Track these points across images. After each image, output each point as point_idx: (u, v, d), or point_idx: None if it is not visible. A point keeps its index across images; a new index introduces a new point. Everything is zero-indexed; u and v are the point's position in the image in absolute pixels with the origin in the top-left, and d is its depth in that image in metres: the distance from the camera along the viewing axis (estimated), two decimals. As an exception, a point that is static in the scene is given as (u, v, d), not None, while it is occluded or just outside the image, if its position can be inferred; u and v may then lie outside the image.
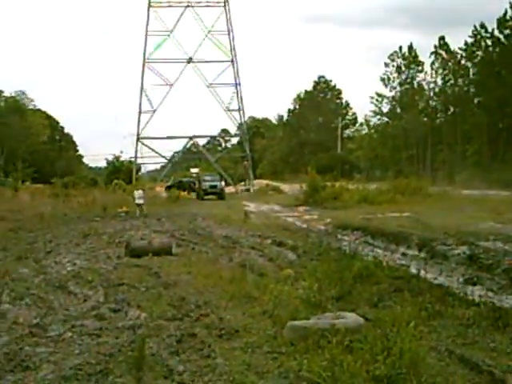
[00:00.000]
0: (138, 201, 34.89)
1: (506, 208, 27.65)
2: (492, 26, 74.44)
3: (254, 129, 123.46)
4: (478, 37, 77.00)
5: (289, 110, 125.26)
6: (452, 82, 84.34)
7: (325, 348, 6.71)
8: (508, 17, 72.30)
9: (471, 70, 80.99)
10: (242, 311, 8.88)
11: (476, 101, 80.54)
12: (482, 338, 7.88)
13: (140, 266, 13.53)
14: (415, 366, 6.23)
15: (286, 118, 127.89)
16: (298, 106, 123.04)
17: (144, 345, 5.60)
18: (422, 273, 13.11)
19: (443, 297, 10.28)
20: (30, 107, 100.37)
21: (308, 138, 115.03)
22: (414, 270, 13.66)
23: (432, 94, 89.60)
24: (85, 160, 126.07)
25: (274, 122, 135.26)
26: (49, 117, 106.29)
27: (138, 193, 35.58)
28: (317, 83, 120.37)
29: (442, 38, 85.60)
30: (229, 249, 16.93)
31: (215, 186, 58.05)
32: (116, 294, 10.38)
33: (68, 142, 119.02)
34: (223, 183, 61.70)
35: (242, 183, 78.56)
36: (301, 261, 14.45)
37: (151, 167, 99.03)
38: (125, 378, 5.98)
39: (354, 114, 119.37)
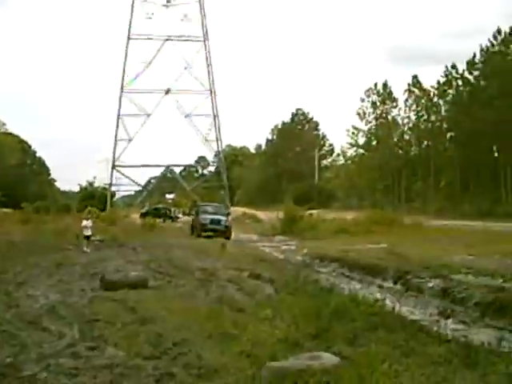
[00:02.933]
0: (86, 232, 29.01)
1: (477, 240, 28.00)
2: (462, 66, 77.24)
3: (232, 157, 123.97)
4: (449, 76, 79.60)
5: (267, 139, 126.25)
6: (425, 117, 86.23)
7: (302, 389, 6.76)
8: (477, 60, 75.18)
9: (443, 106, 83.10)
10: (221, 350, 8.86)
11: (448, 135, 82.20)
12: (453, 375, 7.97)
13: (116, 301, 13.41)
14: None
15: (263, 147, 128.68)
16: (275, 136, 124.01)
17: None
18: (397, 306, 13.27)
19: (417, 333, 10.39)
20: (2, 130, 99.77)
21: (285, 167, 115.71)
22: (389, 303, 13.83)
23: (406, 128, 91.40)
24: (57, 184, 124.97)
25: (252, 150, 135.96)
26: (21, 141, 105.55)
27: (86, 222, 29.69)
28: (294, 115, 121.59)
29: (414, 77, 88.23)
30: (206, 282, 16.89)
31: (218, 222, 40.64)
32: (92, 331, 10.27)
33: (40, 166, 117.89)
34: (229, 218, 43.97)
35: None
36: (278, 295, 14.47)
37: (126, 193, 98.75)
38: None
39: (330, 145, 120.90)
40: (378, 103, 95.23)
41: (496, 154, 72.66)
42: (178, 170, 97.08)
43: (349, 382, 6.85)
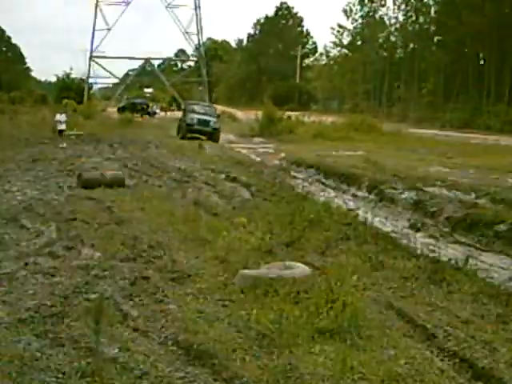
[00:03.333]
0: (59, 126, 30.12)
1: (455, 151, 28.38)
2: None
3: (212, 51, 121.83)
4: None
5: (249, 34, 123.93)
6: (413, 18, 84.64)
7: (273, 298, 7.08)
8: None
9: (433, 7, 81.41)
10: (195, 255, 9.16)
11: (435, 39, 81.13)
12: (419, 291, 8.35)
13: (93, 199, 13.60)
14: (356, 318, 6.62)
15: (245, 42, 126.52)
16: (258, 32, 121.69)
17: (103, 300, 5.86)
18: (370, 217, 13.62)
19: (387, 246, 10.74)
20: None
21: (267, 64, 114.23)
22: (362, 214, 14.17)
23: (393, 29, 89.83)
24: (33, 74, 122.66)
25: (233, 45, 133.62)
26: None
27: (60, 116, 30.49)
28: (278, 9, 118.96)
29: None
30: (182, 183, 17.15)
31: (206, 123, 37.15)
32: (69, 230, 10.50)
33: (15, 54, 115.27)
34: (218, 120, 39.47)
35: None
36: (254, 200, 14.76)
37: (103, 85, 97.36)
38: (81, 321, 6.25)
39: (314, 43, 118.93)
40: (366, 0, 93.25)
41: (482, 62, 72.26)
42: (156, 63, 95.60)
43: (318, 293, 7.15)
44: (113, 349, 5.58)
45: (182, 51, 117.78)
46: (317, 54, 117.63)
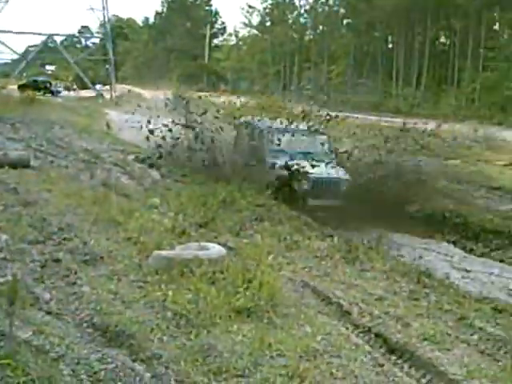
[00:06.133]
0: None
1: (365, 133, 28.97)
2: None
3: (118, 29, 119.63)
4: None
5: (156, 12, 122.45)
6: (323, 0, 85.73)
7: (189, 279, 7.15)
8: None
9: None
10: (106, 236, 9.09)
11: (345, 22, 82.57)
12: (334, 270, 8.62)
13: (-4, 180, 13.26)
14: (273, 297, 6.79)
15: (152, 20, 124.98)
16: (165, 10, 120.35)
17: (17, 282, 5.75)
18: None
19: (301, 227, 11.00)
20: None
21: (175, 44, 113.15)
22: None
23: (303, 10, 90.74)
24: None
25: (140, 23, 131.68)
26: None
27: None
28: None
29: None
30: (90, 164, 16.90)
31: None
32: (-27, 213, 10.23)
33: None
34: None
35: (103, 87, 76.37)
36: (165, 182, 14.74)
37: (1, 61, 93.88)
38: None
39: (223, 23, 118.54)
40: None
41: (391, 46, 74.04)
42: (59, 40, 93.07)
43: (234, 272, 7.28)
44: (26, 332, 5.51)
45: (85, 28, 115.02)
46: (226, 35, 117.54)
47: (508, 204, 15.63)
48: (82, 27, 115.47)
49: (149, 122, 16.49)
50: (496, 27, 61.55)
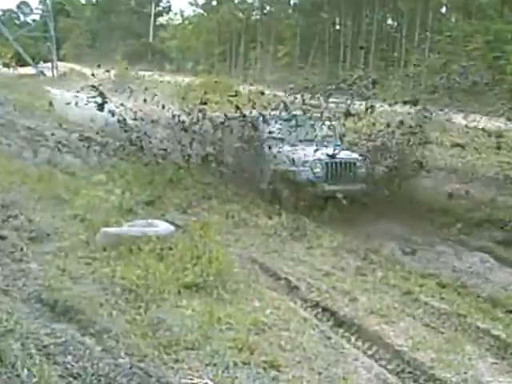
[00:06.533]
0: None
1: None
2: None
3: (59, 6, 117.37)
4: None
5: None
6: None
7: (137, 255, 7.18)
8: None
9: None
10: (52, 214, 9.04)
11: (292, 3, 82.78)
12: (282, 247, 8.77)
13: None
14: (221, 273, 6.87)
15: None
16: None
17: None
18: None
19: (249, 205, 11.09)
20: None
21: (118, 22, 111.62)
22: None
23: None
24: None
25: (82, 0, 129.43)
26: None
27: None
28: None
29: None
30: (33, 142, 16.67)
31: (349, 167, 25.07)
32: None
33: None
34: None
35: (44, 65, 74.90)
36: (110, 160, 14.63)
37: None
38: None
39: (168, 1, 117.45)
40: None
41: (338, 27, 74.41)
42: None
43: (183, 249, 7.34)
44: (-29, 307, 5.49)
45: (24, 3, 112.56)
46: (171, 14, 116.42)
47: (451, 184, 15.95)
48: (21, 2, 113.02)
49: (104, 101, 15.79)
50: (443, 10, 62.53)
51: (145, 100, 15.81)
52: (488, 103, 36.56)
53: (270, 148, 12.40)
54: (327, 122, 13.02)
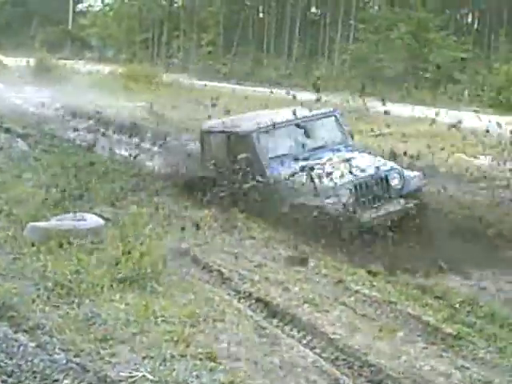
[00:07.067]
0: None
1: (238, 103, 29.30)
2: None
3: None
4: None
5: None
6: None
7: (68, 250, 7.17)
8: None
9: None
10: (-24, 209, 8.92)
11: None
12: (213, 239, 8.86)
13: None
14: (154, 267, 6.93)
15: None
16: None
17: None
18: (157, 168, 13.85)
19: (178, 197, 11.11)
20: None
21: (36, 8, 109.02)
22: (150, 165, 14.32)
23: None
24: None
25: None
26: None
27: None
28: None
29: None
30: None
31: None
32: None
33: None
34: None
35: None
36: (34, 152, 14.43)
37: None
38: None
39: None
40: None
41: (261, 15, 74.63)
42: None
43: (113, 243, 7.37)
44: None
45: None
46: (91, 0, 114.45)
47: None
48: None
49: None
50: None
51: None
52: (410, 91, 37.49)
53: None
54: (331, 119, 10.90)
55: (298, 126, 10.60)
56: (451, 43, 40.72)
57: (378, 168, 9.42)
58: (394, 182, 9.42)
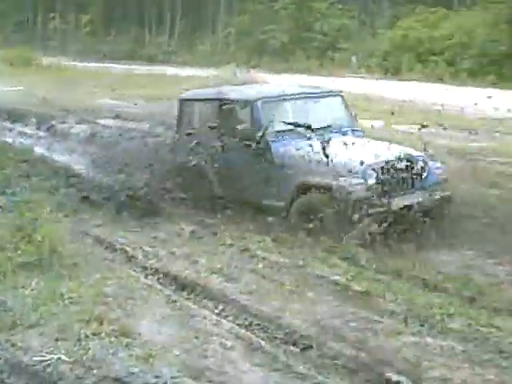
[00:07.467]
0: None
1: (120, 83, 28.92)
2: None
3: None
4: None
5: None
6: None
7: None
8: None
9: None
10: None
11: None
12: (112, 218, 8.75)
13: None
14: (56, 249, 6.82)
15: None
16: None
17: None
18: (47, 153, 13.52)
19: (68, 180, 10.85)
20: None
21: None
22: (38, 151, 13.94)
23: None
24: None
25: None
26: None
27: None
28: None
29: None
30: None
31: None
32: None
33: None
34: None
35: None
36: None
37: None
38: None
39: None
40: None
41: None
42: None
43: (11, 229, 7.18)
44: None
45: None
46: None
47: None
48: None
49: None
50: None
51: None
52: (297, 61, 37.97)
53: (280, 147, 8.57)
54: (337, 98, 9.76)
55: (304, 101, 9.45)
56: (336, 11, 41.51)
57: (401, 153, 8.26)
58: (421, 169, 8.30)
